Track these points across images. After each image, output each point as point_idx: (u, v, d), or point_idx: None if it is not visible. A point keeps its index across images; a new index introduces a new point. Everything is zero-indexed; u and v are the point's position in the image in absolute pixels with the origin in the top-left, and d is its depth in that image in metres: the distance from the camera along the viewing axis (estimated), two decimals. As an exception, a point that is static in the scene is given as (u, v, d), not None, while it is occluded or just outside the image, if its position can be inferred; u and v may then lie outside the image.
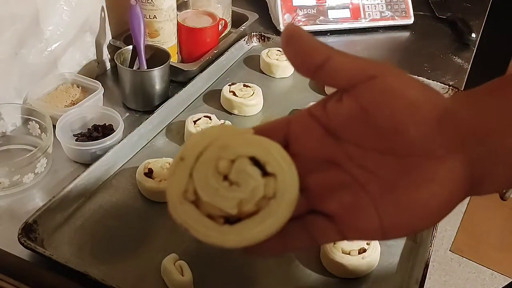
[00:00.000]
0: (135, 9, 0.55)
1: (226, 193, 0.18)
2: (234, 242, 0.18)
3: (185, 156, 0.19)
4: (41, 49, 0.54)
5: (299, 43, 0.19)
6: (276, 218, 0.18)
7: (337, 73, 0.19)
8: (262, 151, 0.19)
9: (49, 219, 0.42)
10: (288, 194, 0.19)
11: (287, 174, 0.19)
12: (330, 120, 0.20)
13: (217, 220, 0.18)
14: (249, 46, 0.71)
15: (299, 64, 0.19)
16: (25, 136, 0.52)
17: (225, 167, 0.19)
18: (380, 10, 0.79)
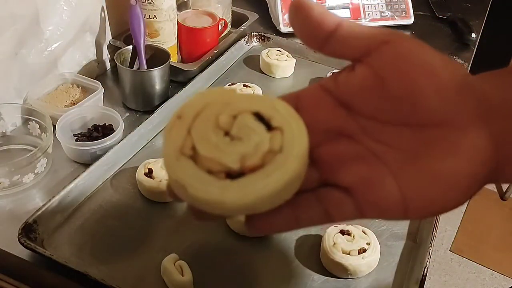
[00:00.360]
0: (135, 9, 0.55)
1: (227, 148, 0.17)
2: (235, 198, 0.16)
3: (183, 114, 0.17)
4: (41, 49, 0.54)
5: (308, 12, 0.18)
6: (283, 171, 0.16)
7: (348, 41, 0.18)
8: (267, 106, 0.18)
9: (49, 219, 0.42)
10: (297, 147, 0.17)
11: (294, 127, 0.17)
12: (342, 91, 0.19)
13: (218, 175, 0.16)
14: (249, 46, 0.71)
15: (308, 35, 0.18)
16: (25, 136, 0.52)
17: (227, 122, 0.17)
18: (380, 10, 0.79)
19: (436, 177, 0.17)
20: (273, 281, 0.40)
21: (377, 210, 0.18)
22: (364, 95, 0.18)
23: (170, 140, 0.17)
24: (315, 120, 0.19)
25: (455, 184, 0.17)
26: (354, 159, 0.19)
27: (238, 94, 0.18)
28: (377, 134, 0.18)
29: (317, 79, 0.66)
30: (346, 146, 0.19)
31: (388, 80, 0.17)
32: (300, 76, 0.66)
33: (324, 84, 0.20)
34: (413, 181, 0.17)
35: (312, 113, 0.19)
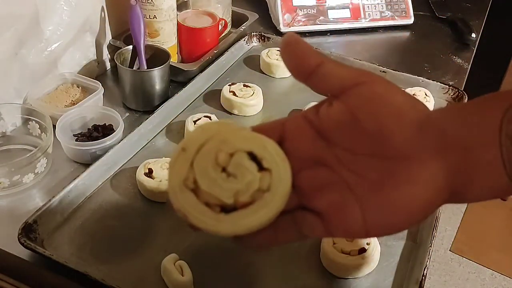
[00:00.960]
0: (135, 9, 0.55)
1: (224, 184, 0.20)
2: (228, 229, 0.19)
3: (187, 147, 0.20)
4: (41, 49, 0.54)
5: (296, 48, 0.20)
6: (269, 209, 0.19)
7: (328, 78, 0.20)
8: (259, 147, 0.20)
9: (49, 219, 0.42)
10: (282, 187, 0.20)
11: (281, 169, 0.20)
12: (321, 123, 0.21)
13: (214, 208, 0.19)
14: (249, 46, 0.71)
15: (294, 68, 0.21)
16: (25, 136, 0.52)
17: (224, 159, 0.20)
18: (380, 10, 0.79)
19: (395, 204, 0.20)
20: (273, 281, 0.40)
21: (343, 232, 0.22)
22: (340, 129, 0.21)
23: (175, 172, 0.20)
24: (297, 149, 0.22)
25: (409, 212, 0.20)
26: (328, 186, 0.21)
27: (235, 130, 0.21)
28: (350, 164, 0.21)
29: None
30: (323, 174, 0.22)
31: (361, 118, 0.20)
32: (300, 76, 0.66)
33: (306, 115, 0.22)
34: (375, 209, 0.20)
35: (295, 142, 0.22)
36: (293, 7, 0.76)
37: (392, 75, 0.66)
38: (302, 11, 0.76)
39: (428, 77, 0.65)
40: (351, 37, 0.78)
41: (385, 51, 0.77)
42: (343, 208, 0.21)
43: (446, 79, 0.68)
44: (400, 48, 0.78)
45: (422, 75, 0.65)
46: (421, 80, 0.64)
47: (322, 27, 0.77)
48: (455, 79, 0.69)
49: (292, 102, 0.61)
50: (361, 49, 0.76)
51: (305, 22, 0.76)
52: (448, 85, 0.64)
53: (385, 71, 0.66)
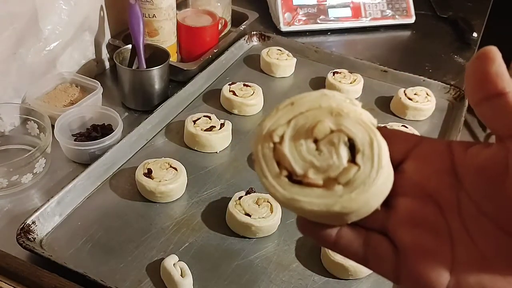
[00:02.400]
0: (134, 8, 0.55)
1: (306, 154, 0.18)
2: (280, 196, 0.18)
3: (297, 103, 0.19)
4: (39, 48, 0.54)
5: (487, 62, 0.16)
6: (327, 203, 0.17)
7: (505, 113, 0.16)
8: (365, 140, 0.18)
9: (48, 219, 0.42)
10: (358, 194, 0.17)
11: (371, 176, 0.17)
12: (464, 160, 0.17)
13: (282, 170, 0.18)
14: (249, 45, 0.71)
15: (474, 82, 0.16)
16: (23, 136, 0.52)
17: (322, 132, 0.18)
18: (381, 9, 0.79)
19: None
20: (273, 281, 0.40)
21: (413, 284, 0.17)
22: (483, 177, 0.16)
23: (271, 120, 0.19)
24: (418, 171, 0.18)
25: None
26: (426, 225, 0.17)
27: (356, 111, 0.19)
28: (469, 221, 0.17)
29: (317, 78, 0.65)
30: (429, 211, 0.18)
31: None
32: (300, 76, 0.66)
33: (453, 145, 0.18)
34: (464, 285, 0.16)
35: (421, 162, 0.18)
36: (293, 6, 0.76)
37: (393, 74, 0.65)
38: (302, 10, 0.76)
39: (429, 76, 0.64)
40: (352, 36, 0.78)
41: (386, 51, 0.76)
42: (430, 257, 0.17)
43: (447, 78, 0.68)
44: (401, 47, 0.78)
45: (423, 74, 0.65)
46: (423, 80, 0.64)
47: (323, 26, 0.76)
48: (457, 79, 0.68)
49: (293, 101, 0.60)
50: (362, 48, 0.76)
51: (306, 21, 0.76)
52: (449, 84, 0.63)
53: (386, 70, 0.65)
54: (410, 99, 0.59)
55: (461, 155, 0.17)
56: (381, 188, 0.18)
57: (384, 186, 0.18)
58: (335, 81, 0.61)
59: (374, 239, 0.19)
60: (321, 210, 0.17)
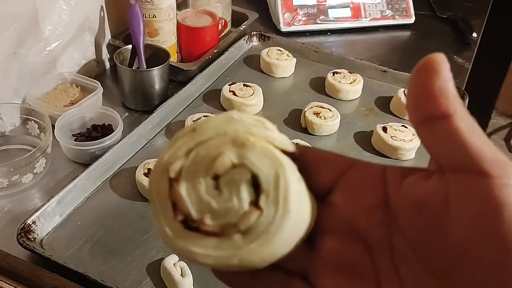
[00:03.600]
0: (135, 8, 0.55)
1: (204, 194, 0.15)
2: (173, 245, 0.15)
3: (199, 130, 0.16)
4: (40, 48, 0.54)
5: (433, 76, 0.13)
6: (219, 258, 0.14)
7: (452, 140, 0.13)
8: (271, 178, 0.15)
9: (48, 219, 0.42)
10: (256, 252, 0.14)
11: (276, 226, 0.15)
12: (399, 192, 0.15)
13: (177, 215, 0.15)
14: (249, 45, 0.71)
15: (415, 100, 0.14)
16: (24, 136, 0.52)
17: (223, 166, 0.15)
18: (380, 9, 0.79)
19: None
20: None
21: None
22: (421, 216, 0.14)
23: (170, 151, 0.16)
24: (346, 205, 0.16)
25: None
26: (351, 271, 0.15)
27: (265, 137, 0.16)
28: (401, 266, 0.14)
29: (317, 78, 0.65)
30: (356, 252, 0.15)
31: (465, 219, 0.13)
32: (300, 76, 0.66)
33: (387, 172, 0.15)
34: None
35: (350, 194, 0.16)
36: (293, 6, 0.76)
37: (393, 74, 0.65)
38: (302, 10, 0.76)
39: (429, 76, 0.64)
40: (352, 37, 0.78)
41: (385, 51, 0.76)
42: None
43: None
44: (401, 47, 0.78)
45: (423, 74, 0.65)
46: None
47: (323, 27, 0.77)
48: (456, 79, 0.69)
49: (292, 102, 0.60)
50: (362, 48, 0.76)
51: (305, 21, 0.76)
52: (449, 84, 0.63)
53: (386, 70, 0.65)
54: (409, 99, 0.59)
55: (395, 186, 0.15)
56: (289, 235, 0.15)
57: (294, 233, 0.15)
58: (335, 81, 0.61)
59: (293, 286, 0.16)
60: (218, 263, 0.14)
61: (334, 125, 0.56)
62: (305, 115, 0.56)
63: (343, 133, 0.56)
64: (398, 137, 0.53)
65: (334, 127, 0.56)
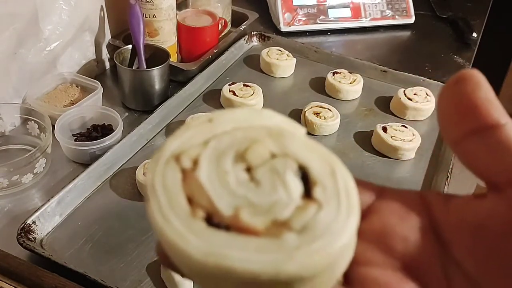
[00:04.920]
0: (135, 8, 0.55)
1: (236, 186, 0.12)
2: (193, 251, 0.11)
3: (216, 120, 0.13)
4: (40, 48, 0.54)
5: (473, 89, 0.12)
6: (269, 263, 0.10)
7: (505, 151, 0.12)
8: (325, 170, 0.12)
9: (48, 219, 0.42)
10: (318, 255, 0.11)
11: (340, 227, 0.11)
12: (448, 217, 0.12)
13: (195, 211, 0.11)
14: (249, 45, 0.71)
15: (454, 114, 0.12)
16: (24, 136, 0.52)
17: (259, 156, 0.12)
18: (380, 10, 0.79)
19: None
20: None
21: None
22: (478, 240, 0.12)
23: (179, 138, 0.12)
24: (385, 233, 0.13)
25: None
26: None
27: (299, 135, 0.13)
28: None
29: (317, 78, 0.65)
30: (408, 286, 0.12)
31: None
32: (300, 76, 0.66)
33: (428, 197, 0.13)
34: None
35: (389, 220, 0.13)
36: (293, 6, 0.76)
37: (393, 74, 0.65)
38: (302, 10, 0.76)
39: (429, 76, 0.64)
40: (352, 37, 0.78)
41: (385, 51, 0.76)
42: None
43: (447, 78, 0.68)
44: (401, 47, 0.78)
45: (423, 74, 0.65)
46: (422, 80, 0.64)
47: (322, 27, 0.77)
48: (456, 79, 0.68)
49: (292, 102, 0.60)
50: (362, 48, 0.76)
51: (305, 21, 0.76)
52: (449, 84, 0.63)
53: (386, 70, 0.65)
54: (409, 99, 0.59)
55: (442, 211, 0.13)
56: (351, 243, 0.12)
57: (353, 243, 0.12)
58: (335, 81, 0.61)
59: None
60: (264, 272, 0.10)
61: (334, 125, 0.56)
62: (305, 115, 0.56)
63: (343, 133, 0.56)
64: (398, 137, 0.53)
65: (334, 127, 0.56)
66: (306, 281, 0.11)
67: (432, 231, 0.13)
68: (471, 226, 0.12)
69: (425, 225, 0.13)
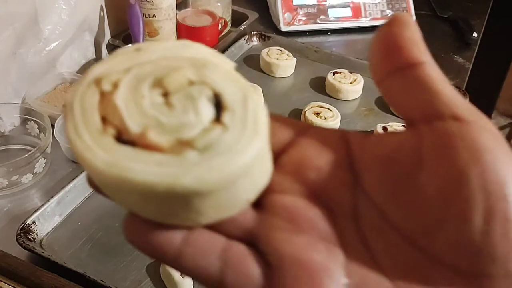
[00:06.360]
0: (134, 8, 0.55)
1: (149, 108, 0.12)
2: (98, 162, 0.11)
3: (143, 49, 0.13)
4: (39, 48, 0.54)
5: (401, 30, 0.13)
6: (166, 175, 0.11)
7: (421, 88, 0.12)
8: (238, 98, 0.12)
9: (48, 219, 0.42)
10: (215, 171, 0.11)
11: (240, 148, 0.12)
12: (364, 151, 0.13)
13: (107, 128, 0.12)
14: (249, 45, 0.71)
15: (381, 53, 0.13)
16: (23, 136, 0.52)
17: (178, 82, 0.12)
18: (381, 9, 0.79)
19: None
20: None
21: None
22: (386, 172, 0.12)
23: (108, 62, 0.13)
24: (303, 164, 0.13)
25: None
26: (312, 234, 0.13)
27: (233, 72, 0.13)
28: (368, 231, 0.12)
29: (317, 78, 0.65)
30: (316, 214, 0.13)
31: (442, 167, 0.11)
32: (300, 76, 0.66)
33: (349, 135, 0.14)
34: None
35: (307, 153, 0.13)
36: (293, 6, 0.76)
37: (393, 74, 0.65)
38: (302, 10, 0.76)
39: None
40: (352, 36, 0.78)
41: (386, 50, 0.76)
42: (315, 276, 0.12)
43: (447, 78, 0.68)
44: (401, 47, 0.78)
45: (423, 74, 0.64)
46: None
47: (323, 26, 0.76)
48: (457, 79, 0.68)
49: (293, 101, 0.60)
50: (362, 48, 0.76)
51: (306, 21, 0.76)
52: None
53: (386, 70, 0.65)
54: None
55: (359, 146, 0.13)
56: (255, 165, 0.12)
57: (260, 167, 0.12)
58: (335, 81, 0.61)
59: (237, 250, 0.13)
60: (161, 183, 0.11)
61: (334, 125, 0.56)
62: (305, 115, 0.56)
63: (343, 133, 0.56)
64: (398, 137, 0.53)
65: (335, 127, 0.56)
66: (204, 197, 0.12)
67: (347, 164, 0.13)
68: (381, 158, 0.12)
69: (341, 158, 0.13)
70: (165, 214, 0.12)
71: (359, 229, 0.13)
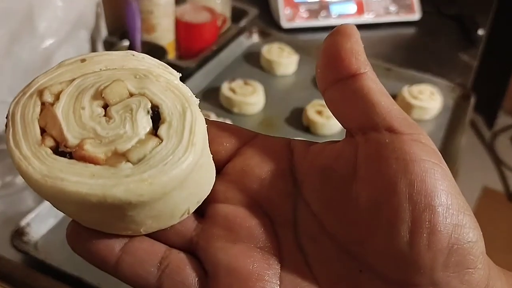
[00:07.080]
0: (132, 4, 0.54)
1: (88, 119, 0.12)
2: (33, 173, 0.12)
3: (90, 61, 0.14)
4: (34, 45, 0.53)
5: (344, 41, 0.13)
6: (98, 186, 0.11)
7: (360, 99, 0.12)
8: (176, 111, 0.13)
9: (43, 221, 0.41)
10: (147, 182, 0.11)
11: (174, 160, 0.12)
12: (304, 160, 0.13)
13: (45, 139, 0.12)
14: (249, 42, 0.69)
15: (325, 64, 0.13)
16: (19, 135, 0.51)
17: (118, 94, 0.13)
18: (384, 6, 0.77)
19: None
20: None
21: None
22: (323, 181, 0.13)
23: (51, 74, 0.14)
24: (246, 174, 0.14)
25: None
26: (250, 243, 0.13)
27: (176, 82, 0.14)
28: (305, 241, 0.13)
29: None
30: (255, 224, 0.13)
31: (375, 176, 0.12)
32: (303, 74, 0.64)
33: (293, 144, 0.14)
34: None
35: (250, 163, 0.14)
36: (294, 2, 0.74)
37: (397, 72, 0.64)
38: (304, 6, 0.74)
39: (434, 74, 0.63)
40: (355, 33, 0.76)
41: (390, 48, 0.75)
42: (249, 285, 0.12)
43: (452, 76, 0.66)
44: (405, 44, 0.76)
45: (428, 72, 0.63)
46: (427, 78, 0.62)
47: (325, 23, 0.75)
48: (462, 77, 0.67)
49: (294, 100, 0.59)
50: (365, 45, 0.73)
51: (307, 17, 0.74)
52: (454, 82, 0.62)
53: (389, 68, 0.64)
54: (414, 98, 0.58)
55: (301, 155, 0.14)
56: (192, 176, 0.12)
57: (198, 177, 0.13)
58: (337, 79, 0.60)
59: (176, 259, 0.13)
60: (93, 194, 0.11)
61: (337, 124, 0.54)
62: (306, 113, 0.55)
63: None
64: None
65: (337, 126, 0.55)
66: (139, 207, 0.12)
67: (290, 174, 0.14)
68: (320, 168, 0.13)
69: (284, 168, 0.14)
70: (103, 224, 0.13)
71: (297, 237, 0.13)
